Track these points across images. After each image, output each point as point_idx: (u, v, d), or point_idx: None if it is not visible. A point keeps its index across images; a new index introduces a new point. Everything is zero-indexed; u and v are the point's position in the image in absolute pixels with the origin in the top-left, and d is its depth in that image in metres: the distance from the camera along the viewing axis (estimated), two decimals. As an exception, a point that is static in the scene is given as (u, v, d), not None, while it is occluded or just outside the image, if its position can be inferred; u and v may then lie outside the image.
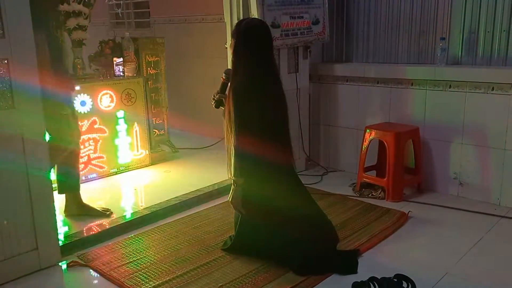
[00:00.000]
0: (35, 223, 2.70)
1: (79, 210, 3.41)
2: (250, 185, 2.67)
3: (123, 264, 2.80)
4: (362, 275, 2.61)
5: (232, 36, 2.78)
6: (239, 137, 2.61)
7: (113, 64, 4.35)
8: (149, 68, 4.72)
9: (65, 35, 4.41)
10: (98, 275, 2.73)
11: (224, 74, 2.89)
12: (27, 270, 2.71)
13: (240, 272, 2.69)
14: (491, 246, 2.99)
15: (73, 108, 3.39)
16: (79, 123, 3.88)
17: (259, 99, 2.64)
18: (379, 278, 2.51)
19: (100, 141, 4.20)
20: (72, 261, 2.85)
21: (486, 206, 3.58)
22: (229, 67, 2.95)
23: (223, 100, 2.86)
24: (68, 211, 3.41)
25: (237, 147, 2.62)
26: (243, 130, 2.61)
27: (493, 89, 3.52)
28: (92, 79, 4.26)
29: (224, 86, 2.88)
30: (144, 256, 2.90)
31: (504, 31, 3.56)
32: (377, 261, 2.81)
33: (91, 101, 4.09)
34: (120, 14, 6.65)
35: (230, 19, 4.00)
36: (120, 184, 4.19)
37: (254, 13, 3.78)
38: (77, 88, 3.99)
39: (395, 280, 2.51)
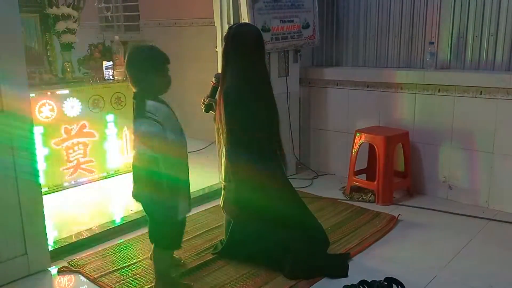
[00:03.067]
0: (24, 228, 2.67)
1: None
2: (241, 190, 2.67)
3: (114, 270, 2.78)
4: (352, 278, 2.62)
5: (224, 40, 2.78)
6: (230, 142, 2.61)
7: (103, 67, 4.33)
8: (138, 72, 4.69)
9: (54, 38, 4.41)
10: (88, 281, 2.71)
11: (214, 78, 2.89)
12: (16, 275, 2.69)
13: (231, 276, 2.68)
14: (480, 248, 3.02)
15: None
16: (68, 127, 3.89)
17: (250, 103, 2.64)
18: (369, 281, 2.51)
19: (90, 145, 4.17)
20: (63, 267, 2.82)
21: (475, 209, 3.61)
22: (219, 71, 2.95)
23: (213, 104, 2.86)
24: None
25: (228, 152, 2.62)
26: (234, 134, 2.61)
27: (481, 93, 3.56)
28: (82, 83, 4.23)
29: (214, 90, 2.88)
30: (135, 262, 2.88)
31: (491, 35, 3.60)
32: (367, 265, 2.82)
33: (80, 105, 4.06)
34: (109, 17, 6.63)
35: (220, 23, 4.00)
36: (110, 188, 4.17)
37: (245, 16, 3.79)
38: (66, 91, 3.97)
39: (385, 283, 2.52)
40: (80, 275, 2.76)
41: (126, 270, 2.79)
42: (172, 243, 2.49)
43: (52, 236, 3.14)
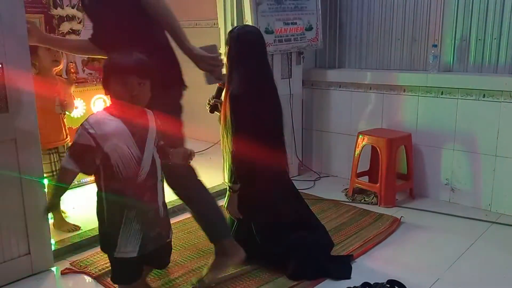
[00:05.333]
0: (27, 227, 2.68)
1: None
2: (245, 191, 2.68)
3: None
4: (355, 280, 2.63)
5: (226, 43, 2.80)
6: (236, 143, 2.62)
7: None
8: (142, 73, 4.70)
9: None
10: (92, 280, 2.71)
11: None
12: (19, 275, 2.70)
13: (233, 275, 2.69)
14: (482, 251, 3.02)
15: None
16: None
17: (255, 105, 2.65)
18: (371, 283, 2.52)
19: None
20: (66, 268, 2.83)
21: (477, 212, 3.61)
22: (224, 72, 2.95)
23: (219, 105, 2.87)
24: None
25: (234, 153, 2.63)
26: (240, 136, 2.61)
27: (484, 96, 3.56)
28: (85, 83, 4.25)
29: (219, 91, 2.89)
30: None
31: (495, 39, 3.60)
32: (369, 267, 2.82)
33: (84, 106, 4.07)
34: (113, 19, 6.63)
35: (224, 25, 4.01)
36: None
37: (248, 18, 3.80)
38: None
39: (388, 285, 2.52)
40: (84, 275, 2.77)
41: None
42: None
43: (56, 236, 3.15)
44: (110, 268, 2.18)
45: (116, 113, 1.93)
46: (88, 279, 2.74)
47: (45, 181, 2.88)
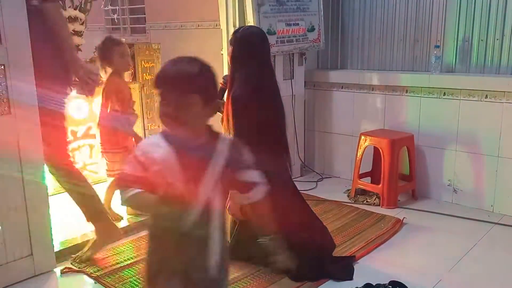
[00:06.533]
0: (30, 229, 2.69)
1: None
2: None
3: (118, 270, 2.80)
4: (357, 281, 2.62)
5: (230, 43, 2.79)
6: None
7: (109, 69, 4.35)
8: (144, 74, 4.72)
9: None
10: (93, 281, 2.72)
11: (222, 80, 2.91)
12: (21, 276, 2.70)
13: (235, 277, 2.69)
14: (484, 252, 3.01)
15: None
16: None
17: (258, 106, 2.65)
18: (374, 284, 2.52)
19: (95, 146, 4.19)
20: (66, 268, 2.84)
21: (480, 213, 3.60)
22: (226, 73, 2.96)
23: (221, 106, 2.87)
24: None
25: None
26: (242, 137, 2.61)
27: (486, 96, 3.55)
28: (88, 85, 4.25)
29: (222, 91, 2.89)
30: (138, 261, 2.89)
31: (497, 39, 3.59)
32: (372, 268, 2.82)
33: (87, 107, 4.08)
34: (116, 20, 6.66)
35: (226, 26, 4.01)
36: (115, 190, 4.17)
37: (250, 19, 3.80)
38: (73, 93, 3.99)
39: (390, 286, 2.52)
40: (84, 275, 2.78)
41: (129, 270, 2.80)
42: None
43: (58, 237, 3.16)
44: (110, 267, 2.17)
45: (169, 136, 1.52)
46: (88, 279, 2.75)
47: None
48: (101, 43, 3.33)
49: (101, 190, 4.12)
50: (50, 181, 3.37)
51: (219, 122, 2.89)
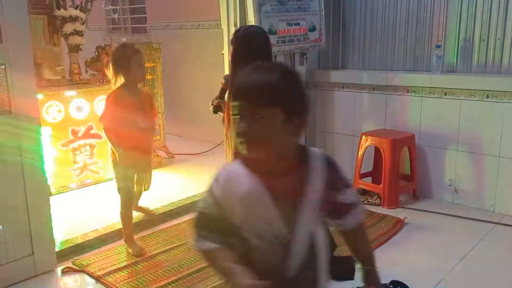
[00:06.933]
0: (31, 229, 2.69)
1: None
2: None
3: (119, 270, 2.80)
4: (358, 281, 2.61)
5: (231, 42, 2.79)
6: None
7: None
8: (145, 74, 4.72)
9: (61, 40, 4.44)
10: (94, 280, 2.72)
11: (224, 80, 2.90)
12: (23, 275, 2.71)
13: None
14: (486, 252, 3.01)
15: None
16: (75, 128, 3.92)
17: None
18: (375, 284, 2.51)
19: (96, 146, 4.19)
20: (66, 267, 2.84)
21: (481, 213, 3.60)
22: (228, 73, 2.95)
23: (222, 105, 2.87)
24: None
25: (236, 155, 2.63)
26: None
27: (487, 96, 3.55)
28: (89, 84, 4.25)
29: (223, 91, 2.89)
30: (139, 261, 2.89)
31: (498, 39, 3.59)
32: (373, 268, 2.81)
33: (88, 107, 4.08)
34: (116, 19, 6.66)
35: (227, 25, 4.00)
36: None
37: (251, 19, 3.79)
38: (74, 93, 4.00)
39: (391, 286, 2.50)
40: (85, 275, 2.78)
41: (130, 269, 2.80)
42: None
43: (59, 237, 3.16)
44: (110, 267, 2.18)
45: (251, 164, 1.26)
46: (89, 279, 2.75)
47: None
48: (116, 51, 2.99)
49: (101, 190, 4.14)
50: (51, 180, 3.38)
51: (221, 122, 2.89)
